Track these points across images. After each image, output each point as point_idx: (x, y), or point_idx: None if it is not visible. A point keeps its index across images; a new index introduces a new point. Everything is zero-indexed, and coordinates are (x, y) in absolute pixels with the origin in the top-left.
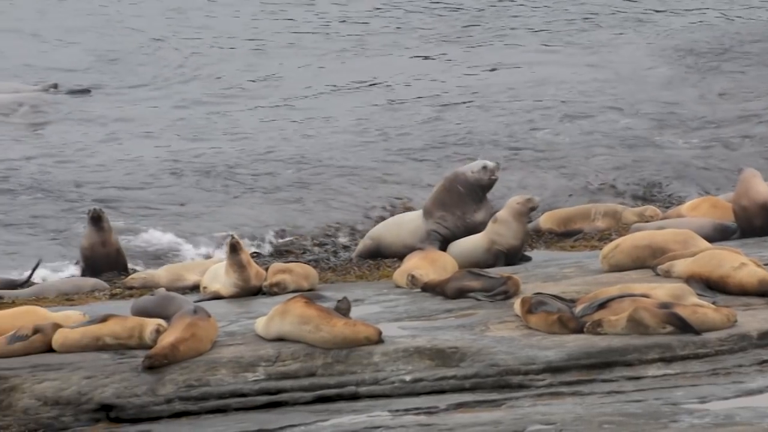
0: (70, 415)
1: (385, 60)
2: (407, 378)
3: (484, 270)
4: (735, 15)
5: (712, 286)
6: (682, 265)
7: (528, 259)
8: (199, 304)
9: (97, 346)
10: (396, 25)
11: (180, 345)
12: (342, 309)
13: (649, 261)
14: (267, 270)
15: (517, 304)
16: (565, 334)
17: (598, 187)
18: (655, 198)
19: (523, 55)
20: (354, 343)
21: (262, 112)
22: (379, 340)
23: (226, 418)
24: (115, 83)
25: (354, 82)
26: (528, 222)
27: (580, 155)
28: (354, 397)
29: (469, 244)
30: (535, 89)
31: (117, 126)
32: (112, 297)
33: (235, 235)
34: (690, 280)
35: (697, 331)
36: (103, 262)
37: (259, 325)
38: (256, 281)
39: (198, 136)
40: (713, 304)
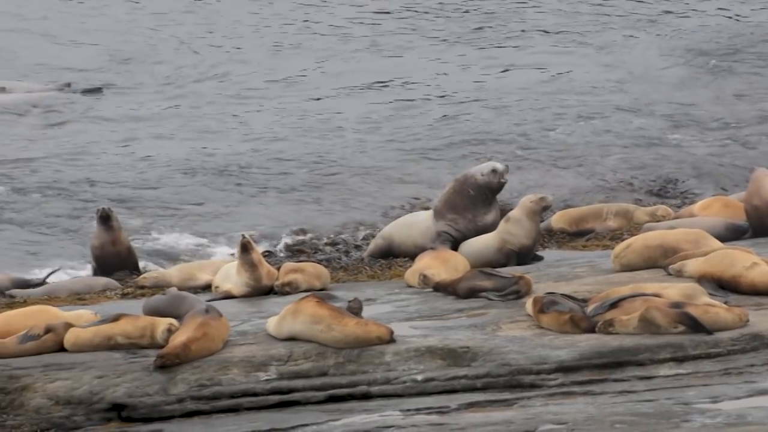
0: (81, 414)
1: (398, 61)
2: (419, 377)
3: (496, 270)
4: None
5: (724, 286)
6: (693, 265)
7: (540, 258)
8: (210, 303)
9: (109, 346)
10: (409, 27)
11: (192, 344)
12: (354, 309)
13: (660, 261)
14: (279, 269)
15: (528, 303)
16: (576, 333)
17: (614, 186)
18: (669, 195)
19: (537, 56)
20: (366, 343)
21: (276, 112)
22: (391, 340)
23: (238, 417)
24: (128, 83)
25: (368, 83)
26: (541, 221)
27: (595, 155)
28: (366, 396)
29: (481, 244)
30: (549, 89)
31: (131, 125)
32: (124, 296)
33: (246, 235)
34: (702, 279)
35: (709, 330)
36: (114, 261)
37: (271, 324)
38: (267, 281)
39: (212, 136)
40: (725, 303)
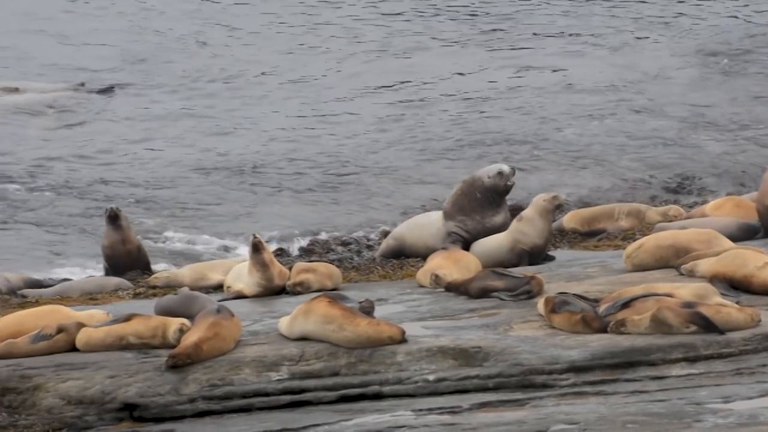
0: (93, 414)
1: (412, 62)
2: (431, 377)
3: (508, 270)
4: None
5: (736, 286)
6: (705, 265)
7: (551, 258)
8: (222, 303)
9: (121, 346)
10: (422, 28)
11: (203, 344)
12: (365, 309)
13: (672, 260)
14: (290, 269)
15: (540, 303)
16: (588, 333)
17: (631, 186)
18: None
19: (550, 58)
20: (377, 343)
21: (291, 112)
22: (403, 340)
23: (250, 417)
24: (141, 83)
25: (382, 84)
26: (553, 221)
27: (611, 154)
28: (377, 396)
29: (493, 244)
30: (563, 90)
31: (145, 125)
32: (136, 296)
33: (257, 234)
34: (714, 279)
35: (721, 330)
36: (125, 261)
37: (283, 324)
38: (279, 280)
39: (226, 136)
40: (737, 303)
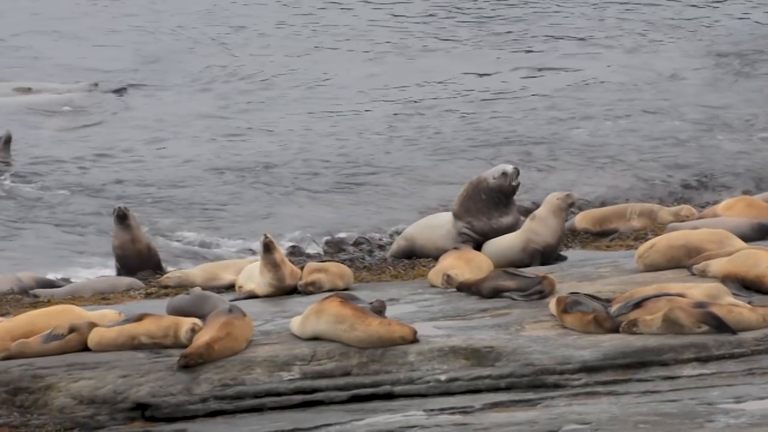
0: (105, 413)
1: (425, 63)
2: (442, 377)
3: (520, 270)
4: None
5: (748, 286)
6: (717, 265)
7: (563, 258)
8: (234, 303)
9: (133, 345)
10: (435, 29)
11: (215, 344)
12: (377, 308)
13: (684, 261)
14: (302, 269)
15: (552, 303)
16: (600, 333)
17: (648, 186)
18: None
19: (564, 59)
20: (389, 343)
21: (304, 112)
22: (414, 340)
23: (261, 417)
24: (155, 83)
25: (395, 84)
26: (566, 220)
27: (628, 154)
28: (389, 396)
29: (505, 244)
30: (578, 91)
31: (159, 125)
32: (148, 296)
33: (268, 234)
34: (726, 279)
35: (733, 330)
36: (136, 260)
37: (295, 324)
38: (290, 280)
39: (240, 137)
40: (749, 303)
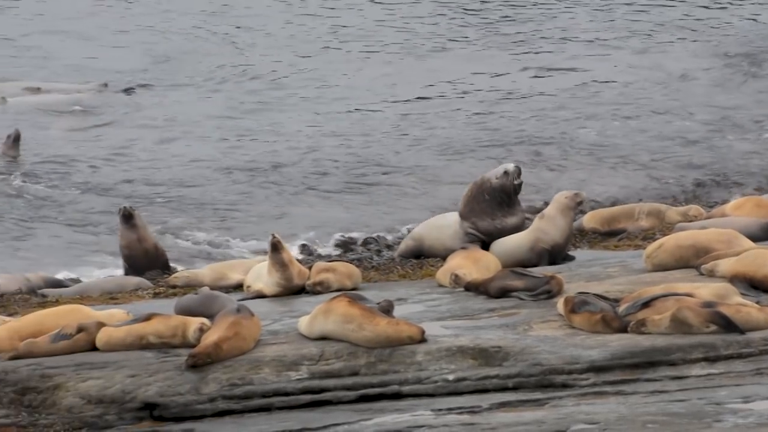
0: (113, 413)
1: (434, 63)
2: (450, 377)
3: (528, 269)
4: None
5: (757, 286)
6: (726, 265)
7: (571, 258)
8: (242, 302)
9: (141, 345)
10: (444, 30)
11: (223, 344)
12: (385, 308)
13: (692, 260)
14: (310, 269)
15: (560, 303)
16: (608, 333)
17: (660, 185)
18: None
19: (573, 60)
20: (397, 342)
21: (314, 113)
22: (422, 339)
23: (270, 416)
24: (165, 83)
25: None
26: (574, 219)
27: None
28: (397, 396)
29: (513, 243)
30: (588, 91)
31: (168, 125)
32: (156, 296)
33: (276, 234)
34: (734, 279)
35: (741, 330)
36: (143, 259)
37: (303, 323)
38: (298, 280)
39: (250, 137)
40: (757, 303)
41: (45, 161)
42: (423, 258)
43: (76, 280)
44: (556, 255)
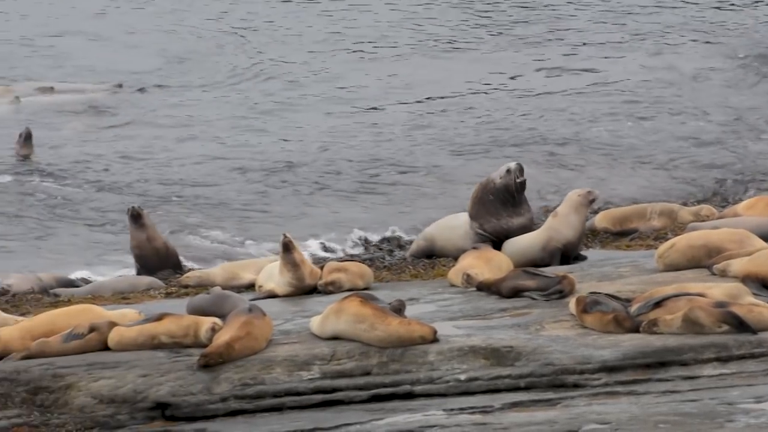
0: (125, 413)
1: (448, 63)
2: (462, 377)
3: (540, 269)
4: None
5: None
6: (738, 265)
7: (583, 258)
8: (254, 302)
9: (153, 345)
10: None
11: (235, 343)
12: (396, 308)
13: (704, 260)
14: (322, 269)
15: (572, 303)
16: (620, 333)
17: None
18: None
19: (586, 61)
20: (409, 342)
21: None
22: (434, 339)
23: (281, 416)
24: (179, 83)
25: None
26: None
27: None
28: (409, 395)
29: (525, 243)
30: (602, 91)
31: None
32: (168, 295)
33: (287, 234)
34: (746, 279)
35: (753, 330)
36: (154, 259)
37: (314, 323)
38: (310, 280)
39: (265, 137)
40: None
41: (61, 161)
42: (435, 258)
43: (87, 280)
44: (569, 253)
